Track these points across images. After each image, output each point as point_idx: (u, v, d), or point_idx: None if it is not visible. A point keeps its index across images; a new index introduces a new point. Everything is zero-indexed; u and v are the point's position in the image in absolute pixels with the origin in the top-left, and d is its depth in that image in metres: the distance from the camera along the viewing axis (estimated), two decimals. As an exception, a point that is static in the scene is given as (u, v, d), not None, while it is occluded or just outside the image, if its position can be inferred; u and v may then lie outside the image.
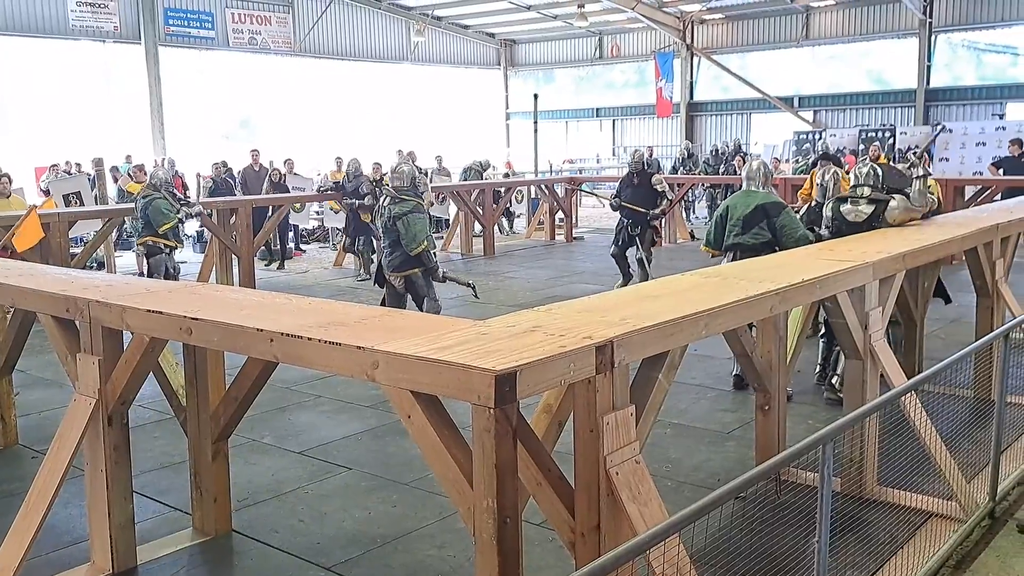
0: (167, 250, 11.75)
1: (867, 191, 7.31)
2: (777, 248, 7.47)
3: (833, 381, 7.58)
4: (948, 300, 8.46)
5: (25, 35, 24.53)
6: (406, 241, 8.76)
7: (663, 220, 18.95)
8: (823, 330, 7.93)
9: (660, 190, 12.35)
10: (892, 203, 7.18)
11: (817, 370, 8.06)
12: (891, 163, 11.30)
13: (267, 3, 29.29)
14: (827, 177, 8.45)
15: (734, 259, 7.62)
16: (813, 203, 8.61)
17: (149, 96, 26.59)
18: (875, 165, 7.60)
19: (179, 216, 11.85)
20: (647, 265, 12.26)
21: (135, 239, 12.30)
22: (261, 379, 4.88)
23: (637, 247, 12.37)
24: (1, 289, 5.22)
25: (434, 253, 9.06)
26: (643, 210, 12.24)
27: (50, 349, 5.48)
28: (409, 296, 9.15)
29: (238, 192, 18.07)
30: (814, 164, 18.42)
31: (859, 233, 7.18)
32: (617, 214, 12.82)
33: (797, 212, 8.66)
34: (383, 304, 8.91)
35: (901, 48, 28.53)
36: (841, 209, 7.43)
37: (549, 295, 12.42)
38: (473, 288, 9.68)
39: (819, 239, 7.49)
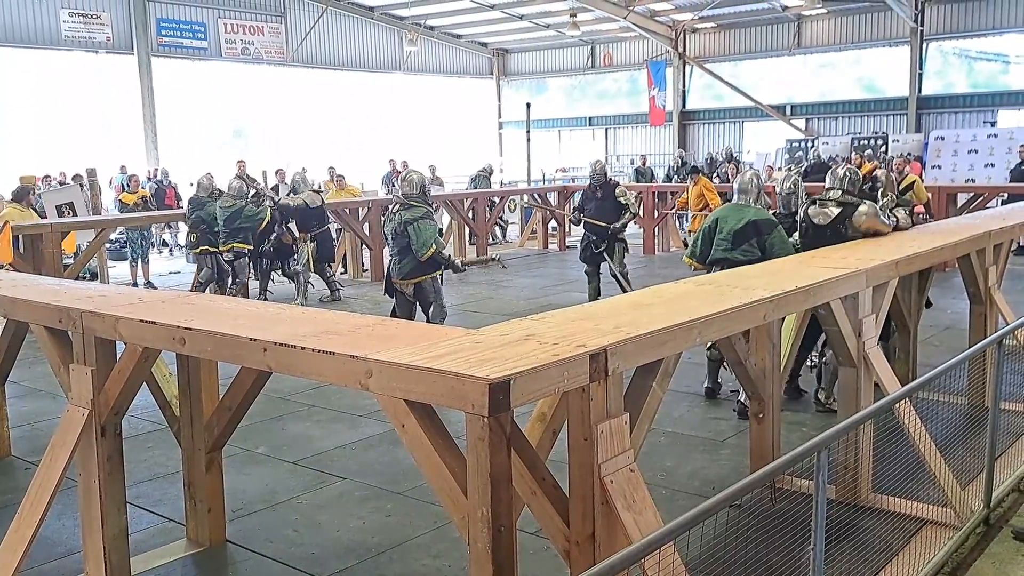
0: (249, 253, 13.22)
1: (838, 194, 7.24)
2: None
3: (819, 395, 7.59)
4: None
5: (17, 46, 24.49)
6: (416, 246, 8.65)
7: (660, 228, 19.13)
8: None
9: (624, 203, 11.82)
10: (861, 208, 7.08)
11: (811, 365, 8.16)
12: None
13: (260, 13, 29.31)
14: (787, 185, 8.43)
15: None
16: (776, 212, 8.53)
17: (142, 106, 26.56)
18: (852, 168, 7.58)
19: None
20: (624, 280, 11.67)
21: (221, 245, 13.01)
22: (255, 389, 4.88)
23: (609, 264, 11.84)
24: (-7, 300, 5.20)
25: (447, 254, 8.99)
26: (604, 224, 11.71)
27: (43, 360, 5.46)
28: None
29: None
30: (806, 172, 18.58)
31: (823, 235, 7.13)
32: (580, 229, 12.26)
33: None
34: (393, 314, 8.81)
35: (893, 56, 28.63)
36: (810, 211, 7.39)
37: (543, 303, 12.42)
38: (499, 261, 9.52)
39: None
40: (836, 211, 7.18)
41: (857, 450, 5.38)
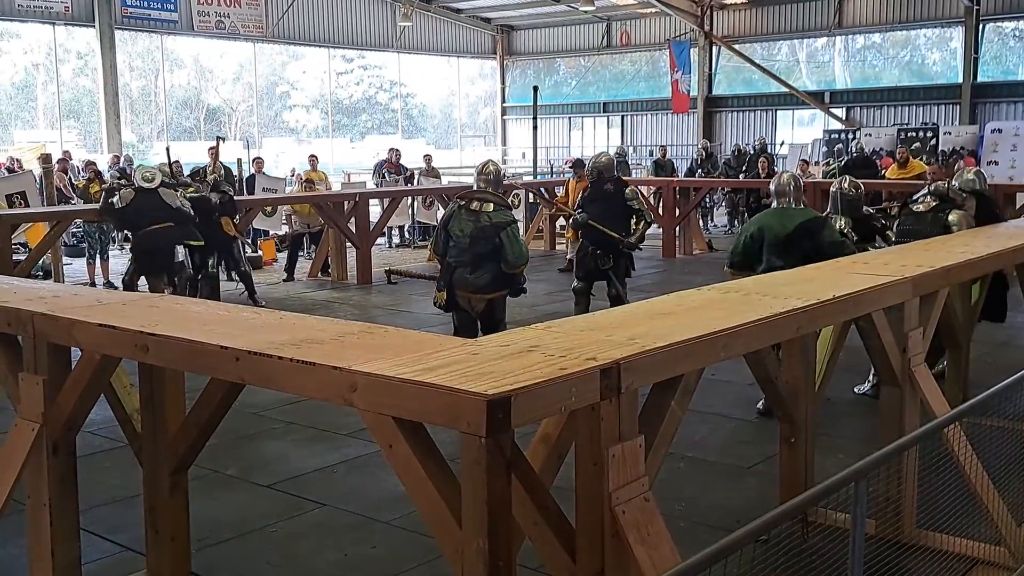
0: None
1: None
2: None
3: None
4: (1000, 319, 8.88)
5: (-35, 16, 24.60)
6: (513, 256, 8.17)
7: (681, 228, 19.08)
8: None
9: (636, 207, 10.65)
10: (954, 214, 8.28)
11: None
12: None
13: (236, -17, 29.39)
14: (847, 187, 8.56)
15: None
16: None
17: (104, 85, 26.57)
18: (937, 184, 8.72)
19: None
20: (623, 302, 10.23)
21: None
22: (225, 403, 4.86)
23: (610, 281, 10.85)
24: (-66, 300, 5.20)
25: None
26: (617, 235, 10.53)
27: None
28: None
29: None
30: (846, 167, 18.58)
31: (924, 219, 8.32)
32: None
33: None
34: (456, 335, 8.16)
35: (945, 38, 28.64)
36: (911, 205, 8.50)
37: (548, 311, 12.41)
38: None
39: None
40: (935, 202, 8.40)
41: (900, 480, 5.36)
